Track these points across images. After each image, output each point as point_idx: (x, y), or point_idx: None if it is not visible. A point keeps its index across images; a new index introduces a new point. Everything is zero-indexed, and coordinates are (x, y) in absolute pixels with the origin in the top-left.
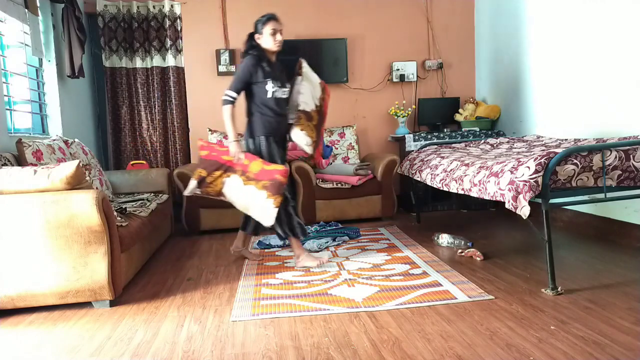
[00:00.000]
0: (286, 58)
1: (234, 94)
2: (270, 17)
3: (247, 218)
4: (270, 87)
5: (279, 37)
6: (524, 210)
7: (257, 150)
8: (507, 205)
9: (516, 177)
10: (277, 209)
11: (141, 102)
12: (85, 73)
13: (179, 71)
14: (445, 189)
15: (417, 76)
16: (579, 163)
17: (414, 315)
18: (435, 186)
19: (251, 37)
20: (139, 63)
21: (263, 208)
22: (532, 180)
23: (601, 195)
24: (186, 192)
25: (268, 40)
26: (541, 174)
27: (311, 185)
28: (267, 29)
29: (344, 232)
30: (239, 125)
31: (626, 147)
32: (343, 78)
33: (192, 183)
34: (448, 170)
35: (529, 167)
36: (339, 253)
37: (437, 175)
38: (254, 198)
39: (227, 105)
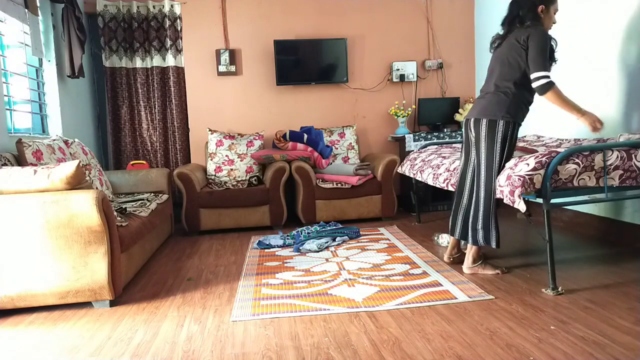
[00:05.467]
0: (286, 58)
1: (549, 73)
2: None
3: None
4: None
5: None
6: (521, 205)
7: (504, 137)
8: (505, 200)
9: (514, 172)
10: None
11: (141, 102)
12: (85, 73)
13: (179, 71)
14: (451, 188)
15: (417, 76)
16: (580, 163)
17: (414, 315)
18: (438, 186)
19: (533, 5)
20: (139, 63)
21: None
22: (527, 176)
23: (602, 195)
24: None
25: (550, 19)
26: (539, 171)
27: (311, 185)
28: (556, 5)
29: (344, 232)
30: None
31: (628, 146)
32: (343, 78)
33: None
34: (451, 169)
35: (528, 164)
36: (339, 253)
37: (441, 174)
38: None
39: (553, 87)
